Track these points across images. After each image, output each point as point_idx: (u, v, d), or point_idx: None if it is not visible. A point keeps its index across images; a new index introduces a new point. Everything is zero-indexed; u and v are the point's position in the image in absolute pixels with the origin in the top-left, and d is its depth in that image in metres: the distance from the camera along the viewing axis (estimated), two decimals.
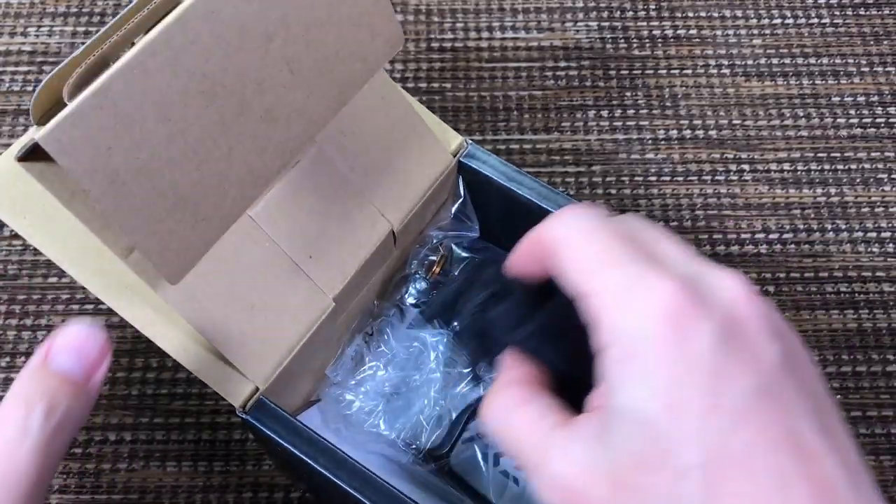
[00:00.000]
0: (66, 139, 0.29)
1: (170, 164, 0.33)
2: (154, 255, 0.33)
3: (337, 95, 0.39)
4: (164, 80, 0.32)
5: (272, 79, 0.35)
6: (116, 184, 0.31)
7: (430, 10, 0.67)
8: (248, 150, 0.35)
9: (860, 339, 0.55)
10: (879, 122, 0.62)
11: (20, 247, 0.57)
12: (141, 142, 0.32)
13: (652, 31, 0.66)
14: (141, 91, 0.31)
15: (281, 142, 0.37)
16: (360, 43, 0.38)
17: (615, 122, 0.62)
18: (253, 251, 0.39)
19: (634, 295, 0.23)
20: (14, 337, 0.54)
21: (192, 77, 0.32)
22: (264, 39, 0.34)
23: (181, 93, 0.32)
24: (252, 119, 0.35)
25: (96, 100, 0.30)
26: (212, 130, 0.34)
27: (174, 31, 0.31)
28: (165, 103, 0.32)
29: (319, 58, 0.37)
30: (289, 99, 0.36)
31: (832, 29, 0.66)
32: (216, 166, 0.34)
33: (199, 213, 0.34)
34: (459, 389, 0.48)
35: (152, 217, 0.33)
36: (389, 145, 0.44)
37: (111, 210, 0.31)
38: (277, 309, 0.40)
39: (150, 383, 0.53)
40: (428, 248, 0.49)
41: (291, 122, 0.37)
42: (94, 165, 0.30)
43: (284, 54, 0.35)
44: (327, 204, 0.42)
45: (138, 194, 0.32)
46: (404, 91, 0.45)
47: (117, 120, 0.31)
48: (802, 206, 0.59)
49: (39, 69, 0.63)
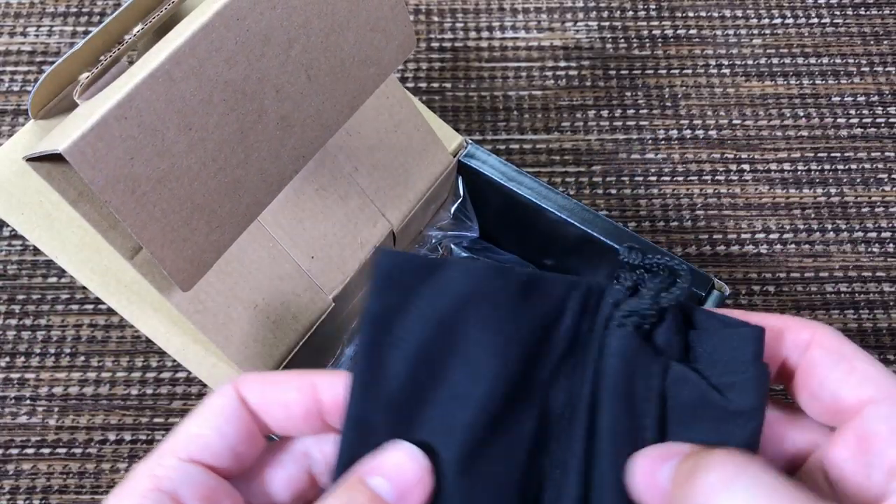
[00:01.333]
0: (90, 150, 0.29)
1: (189, 173, 0.32)
2: (168, 264, 0.33)
3: (350, 100, 0.38)
4: (188, 89, 0.31)
5: (290, 85, 0.35)
6: (136, 194, 0.31)
7: (430, 10, 0.67)
8: (264, 156, 0.35)
9: (860, 339, 0.55)
10: (879, 122, 0.62)
11: (20, 247, 0.57)
12: (163, 151, 0.31)
13: (652, 31, 0.66)
14: (165, 100, 0.31)
15: (295, 147, 0.36)
16: (375, 47, 0.38)
17: (615, 122, 0.62)
18: (257, 252, 0.39)
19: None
20: (14, 337, 0.54)
21: (216, 85, 0.32)
22: (286, 46, 0.34)
23: (204, 101, 0.32)
24: (270, 126, 0.35)
25: (121, 110, 0.29)
26: (230, 138, 0.33)
27: (200, 39, 0.31)
28: (188, 112, 0.31)
29: (336, 63, 0.37)
30: (305, 105, 0.36)
31: (832, 29, 0.66)
32: (232, 174, 0.34)
33: (214, 221, 0.34)
34: None
35: (169, 226, 0.32)
36: (393, 145, 0.44)
37: (130, 219, 0.31)
38: (279, 309, 0.40)
39: (149, 383, 0.53)
40: (427, 248, 0.49)
41: (306, 127, 0.36)
42: (116, 176, 0.30)
43: (303, 60, 0.35)
44: (330, 204, 0.42)
45: (157, 204, 0.32)
46: (406, 90, 0.45)
47: (141, 130, 0.30)
48: (802, 206, 0.59)
49: (39, 69, 0.63)
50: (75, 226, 0.38)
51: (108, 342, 0.54)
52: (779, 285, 0.57)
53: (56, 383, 0.53)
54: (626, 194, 0.60)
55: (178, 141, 0.31)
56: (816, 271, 0.57)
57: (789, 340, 0.24)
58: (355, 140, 0.42)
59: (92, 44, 0.35)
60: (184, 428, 0.24)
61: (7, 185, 0.37)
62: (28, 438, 0.51)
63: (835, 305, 0.56)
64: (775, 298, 0.56)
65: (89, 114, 0.29)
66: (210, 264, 0.35)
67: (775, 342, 0.24)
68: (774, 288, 0.56)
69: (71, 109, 0.38)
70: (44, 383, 0.53)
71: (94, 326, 0.54)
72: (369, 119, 0.42)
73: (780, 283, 0.57)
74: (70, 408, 0.52)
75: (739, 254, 0.58)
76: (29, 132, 0.37)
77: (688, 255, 0.57)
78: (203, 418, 0.24)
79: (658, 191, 0.60)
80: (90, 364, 0.53)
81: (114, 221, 0.34)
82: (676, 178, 0.60)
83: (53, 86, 0.36)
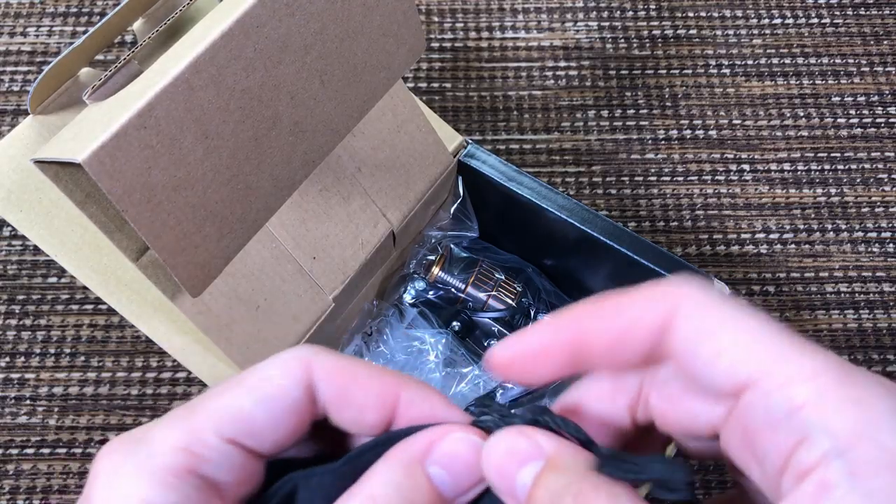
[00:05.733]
0: (109, 161, 0.29)
1: (203, 181, 0.32)
2: (180, 271, 0.33)
3: (361, 105, 0.38)
4: (206, 98, 0.31)
5: (305, 91, 0.35)
6: (152, 203, 0.31)
7: (430, 10, 0.67)
8: (276, 162, 0.35)
9: (860, 339, 0.55)
10: (879, 122, 0.62)
11: (20, 247, 0.57)
12: (179, 160, 0.31)
13: (652, 31, 0.66)
14: (184, 109, 0.30)
15: (306, 153, 0.36)
16: (386, 52, 0.38)
17: (615, 122, 0.62)
18: (260, 253, 0.39)
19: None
20: (14, 337, 0.54)
21: (233, 93, 0.32)
22: (302, 52, 0.34)
23: (221, 109, 0.32)
24: (283, 132, 0.35)
25: (140, 119, 0.29)
26: (245, 145, 0.33)
27: (220, 47, 0.31)
28: (205, 120, 0.31)
29: (349, 68, 0.36)
30: (318, 110, 0.36)
31: (832, 29, 0.66)
32: (245, 180, 0.34)
33: (225, 227, 0.34)
34: (459, 389, 0.48)
35: (182, 233, 0.32)
36: (395, 145, 0.44)
37: (145, 228, 0.31)
38: (281, 310, 0.40)
39: (149, 383, 0.53)
40: (427, 248, 0.49)
41: (318, 133, 0.36)
42: (134, 185, 0.30)
43: (318, 66, 0.35)
44: (333, 205, 0.42)
45: (172, 212, 0.31)
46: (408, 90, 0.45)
47: (159, 139, 0.30)
48: (802, 206, 0.59)
49: (39, 69, 0.63)
50: (75, 224, 0.38)
51: (108, 342, 0.54)
52: (779, 285, 0.57)
53: (56, 383, 0.53)
54: (626, 194, 0.60)
55: (194, 149, 0.31)
56: (816, 271, 0.57)
57: (644, 327, 0.19)
58: (359, 140, 0.42)
59: (93, 40, 0.35)
60: (230, 400, 0.19)
61: (6, 181, 0.37)
62: (28, 438, 0.51)
63: (835, 305, 0.56)
64: (775, 298, 0.56)
65: (105, 120, 0.29)
66: (220, 270, 0.35)
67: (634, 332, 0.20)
68: (774, 288, 0.56)
69: (71, 105, 0.37)
70: (44, 383, 0.53)
71: (94, 326, 0.54)
72: (374, 119, 0.42)
73: (780, 283, 0.57)
74: (70, 408, 0.52)
75: (739, 254, 0.58)
76: (28, 128, 0.37)
77: (688, 255, 0.57)
78: (256, 396, 0.19)
79: (658, 191, 0.60)
80: (90, 364, 0.53)
81: (120, 223, 0.34)
82: (676, 178, 0.60)
83: (54, 81, 0.36)
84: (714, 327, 0.19)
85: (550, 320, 0.21)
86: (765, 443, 0.18)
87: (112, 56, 0.64)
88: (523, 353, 0.21)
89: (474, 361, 0.48)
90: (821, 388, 0.17)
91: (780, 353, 0.18)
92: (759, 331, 0.18)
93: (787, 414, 0.17)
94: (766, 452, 0.18)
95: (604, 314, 0.20)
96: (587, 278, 0.49)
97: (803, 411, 0.17)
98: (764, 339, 0.18)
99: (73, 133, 0.31)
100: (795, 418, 0.17)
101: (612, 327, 0.20)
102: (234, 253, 0.35)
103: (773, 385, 0.17)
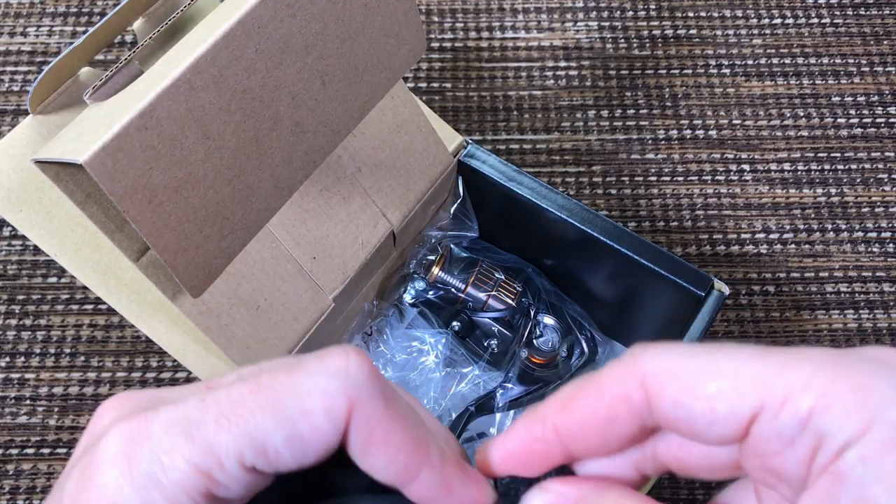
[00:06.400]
0: (111, 162, 0.29)
1: (204, 181, 0.32)
2: (181, 271, 0.33)
3: (361, 105, 0.38)
4: (208, 98, 0.31)
5: (306, 91, 0.35)
6: (153, 203, 0.31)
7: (430, 10, 0.67)
8: (277, 163, 0.35)
9: (860, 339, 0.55)
10: (879, 122, 0.62)
11: (20, 247, 0.57)
12: (181, 160, 0.31)
13: (652, 31, 0.66)
14: (185, 109, 0.30)
15: (307, 153, 0.36)
16: (387, 52, 0.38)
17: (615, 122, 0.62)
18: (260, 253, 0.39)
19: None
20: (14, 337, 0.54)
21: (234, 94, 0.32)
22: (303, 53, 0.34)
23: (222, 109, 0.32)
24: (284, 133, 0.35)
25: (142, 120, 0.29)
26: (246, 145, 0.33)
27: (221, 48, 0.31)
28: (206, 121, 0.31)
29: (350, 69, 0.36)
30: (319, 111, 0.36)
31: (832, 29, 0.66)
32: (246, 180, 0.34)
33: (226, 228, 0.34)
34: (459, 389, 0.48)
35: (183, 234, 0.32)
36: (395, 145, 0.44)
37: (146, 229, 0.31)
38: (281, 310, 0.40)
39: (149, 383, 0.53)
40: (427, 248, 0.49)
41: (318, 133, 0.36)
42: (135, 186, 0.30)
43: (319, 67, 0.35)
44: (333, 205, 0.42)
45: (173, 212, 0.31)
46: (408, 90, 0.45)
47: (161, 140, 0.30)
48: (802, 206, 0.59)
49: (39, 69, 0.63)
50: (75, 223, 0.38)
51: (108, 342, 0.54)
52: (779, 285, 0.57)
53: (56, 383, 0.53)
54: (626, 194, 0.60)
55: (195, 150, 0.31)
56: (816, 271, 0.57)
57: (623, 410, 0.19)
58: (360, 140, 0.42)
59: (93, 40, 0.35)
60: (260, 424, 0.18)
61: (6, 181, 0.37)
62: (28, 438, 0.51)
63: (835, 305, 0.56)
64: (775, 298, 0.56)
65: (107, 121, 0.29)
66: (220, 270, 0.35)
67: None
68: (774, 288, 0.56)
69: (71, 105, 0.37)
70: (44, 383, 0.53)
71: (94, 326, 0.54)
72: (374, 119, 0.42)
73: (780, 283, 0.57)
74: (70, 408, 0.52)
75: (739, 254, 0.58)
76: (28, 127, 0.37)
77: (688, 255, 0.57)
78: (288, 433, 0.18)
79: (658, 191, 0.60)
80: (90, 364, 0.53)
81: (121, 223, 0.34)
82: (676, 178, 0.60)
83: (54, 81, 0.36)
84: (694, 382, 0.18)
85: (529, 416, 0.20)
86: (786, 463, 0.18)
87: (112, 56, 0.64)
88: (514, 451, 0.21)
89: (474, 361, 0.48)
90: (821, 388, 0.17)
91: (769, 373, 0.18)
92: (735, 361, 0.18)
93: (799, 428, 0.17)
94: (788, 469, 0.18)
95: (575, 407, 0.20)
96: (587, 278, 0.49)
97: (812, 419, 0.17)
98: (745, 367, 0.18)
99: (74, 134, 0.31)
100: (807, 429, 0.17)
101: (589, 416, 0.19)
102: (234, 253, 0.35)
103: (776, 405, 0.17)
